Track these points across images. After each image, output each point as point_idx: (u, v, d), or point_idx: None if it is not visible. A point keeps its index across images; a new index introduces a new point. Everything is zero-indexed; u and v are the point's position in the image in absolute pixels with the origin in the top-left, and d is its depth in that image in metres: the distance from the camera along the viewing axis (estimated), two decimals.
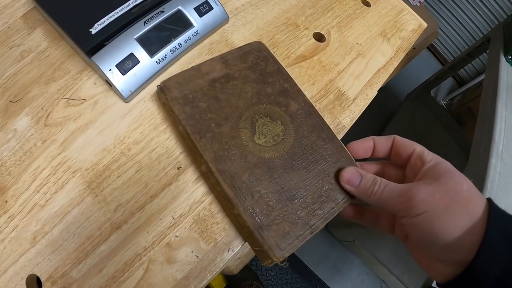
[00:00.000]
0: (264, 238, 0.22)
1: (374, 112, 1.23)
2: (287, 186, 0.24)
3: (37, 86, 0.29)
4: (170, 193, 0.25)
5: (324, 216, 0.24)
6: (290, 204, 0.24)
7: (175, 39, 0.29)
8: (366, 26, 0.41)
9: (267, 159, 0.25)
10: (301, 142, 0.26)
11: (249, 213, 0.23)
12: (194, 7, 0.30)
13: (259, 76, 0.28)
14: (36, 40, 0.31)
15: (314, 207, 0.24)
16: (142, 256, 0.24)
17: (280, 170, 0.25)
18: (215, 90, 0.26)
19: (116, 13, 0.28)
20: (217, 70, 0.27)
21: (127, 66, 0.27)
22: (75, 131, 0.27)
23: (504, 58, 0.68)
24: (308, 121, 0.27)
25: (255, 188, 0.23)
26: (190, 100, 0.25)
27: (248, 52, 0.29)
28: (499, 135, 0.54)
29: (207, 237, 0.24)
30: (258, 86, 0.28)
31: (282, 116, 0.27)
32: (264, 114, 0.27)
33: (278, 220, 0.23)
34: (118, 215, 0.25)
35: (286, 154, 0.25)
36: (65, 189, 0.26)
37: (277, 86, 0.28)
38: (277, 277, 0.86)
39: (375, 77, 0.37)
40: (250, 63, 0.29)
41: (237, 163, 0.24)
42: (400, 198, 0.20)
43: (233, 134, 0.25)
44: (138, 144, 0.26)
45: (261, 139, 0.25)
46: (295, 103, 0.28)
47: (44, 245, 0.24)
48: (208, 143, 0.24)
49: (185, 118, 0.25)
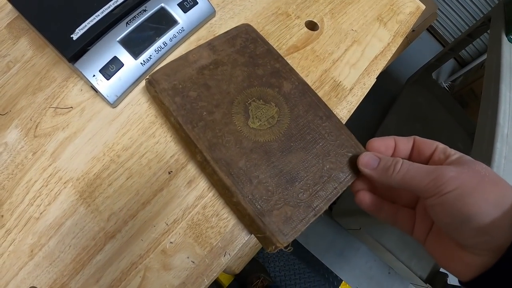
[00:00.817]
0: (266, 224, 0.21)
1: (375, 98, 1.19)
2: (286, 169, 0.23)
3: (24, 97, 0.28)
4: (162, 199, 0.24)
5: (327, 197, 0.23)
6: (291, 187, 0.22)
7: (159, 38, 0.27)
8: (361, 11, 0.38)
9: (263, 142, 0.24)
10: (297, 122, 0.25)
11: (249, 199, 0.22)
12: (177, 3, 0.28)
13: (249, 59, 0.27)
14: (21, 49, 0.30)
15: (316, 188, 0.23)
16: (138, 264, 0.23)
17: (278, 153, 0.23)
18: (204, 78, 0.25)
19: (97, 16, 0.26)
20: (205, 57, 0.26)
21: (111, 71, 0.25)
22: (64, 140, 0.26)
23: (506, 38, 0.64)
24: (303, 100, 0.26)
25: (253, 174, 0.22)
26: (179, 90, 0.24)
27: (236, 35, 0.28)
28: (504, 118, 0.51)
29: (202, 242, 0.23)
30: (249, 69, 0.26)
31: (276, 97, 0.26)
32: (256, 97, 0.25)
33: (279, 204, 0.22)
34: (111, 224, 0.24)
35: (282, 136, 0.24)
36: (58, 200, 0.25)
37: (268, 67, 0.27)
38: (284, 268, 0.86)
39: (373, 65, 0.34)
40: (239, 47, 0.27)
41: (233, 150, 0.23)
42: (428, 177, 0.19)
43: (226, 121, 0.24)
44: (127, 150, 0.25)
45: (255, 123, 0.24)
46: (288, 82, 0.26)
47: (42, 258, 0.24)
48: (201, 132, 0.23)
49: (176, 109, 0.24)
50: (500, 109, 0.53)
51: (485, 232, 0.16)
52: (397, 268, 0.94)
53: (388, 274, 1.01)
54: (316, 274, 0.88)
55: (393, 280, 1.00)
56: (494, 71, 0.60)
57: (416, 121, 1.06)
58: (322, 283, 0.86)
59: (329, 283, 0.88)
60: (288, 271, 0.85)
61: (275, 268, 0.85)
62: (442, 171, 0.18)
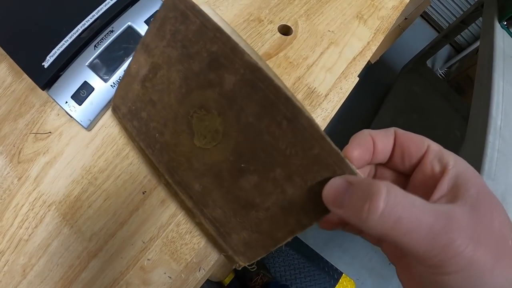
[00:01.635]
0: (227, 244, 0.21)
1: (370, 88, 1.15)
2: (239, 194, 0.19)
3: (7, 124, 0.28)
4: (138, 218, 0.24)
5: (291, 229, 0.17)
6: (247, 214, 0.19)
7: (128, 58, 0.27)
8: (339, 10, 0.36)
9: (212, 164, 0.19)
10: (246, 135, 0.18)
11: (209, 221, 0.21)
12: (144, 20, 0.27)
13: (182, 49, 0.19)
14: (1, 75, 0.30)
15: (276, 218, 0.18)
16: (120, 280, 0.24)
17: (228, 177, 0.19)
18: (148, 92, 0.21)
19: (66, 41, 0.26)
20: (143, 64, 0.21)
21: (82, 96, 0.25)
22: (45, 165, 0.26)
23: (499, 24, 0.60)
24: (253, 98, 0.17)
25: (209, 198, 0.20)
26: (134, 112, 0.22)
27: (164, 19, 0.20)
28: (497, 109, 0.48)
29: (177, 258, 0.23)
30: (183, 66, 0.19)
31: (217, 101, 0.18)
32: (197, 106, 0.19)
33: (237, 228, 0.20)
34: (93, 244, 0.24)
35: (230, 155, 0.18)
36: (43, 222, 0.25)
37: (204, 56, 0.18)
38: (284, 263, 0.86)
39: (350, 67, 0.33)
40: (169, 35, 0.20)
41: (187, 173, 0.21)
42: (433, 241, 0.11)
43: (175, 141, 0.20)
44: (104, 172, 0.25)
45: (201, 141, 0.19)
46: (230, 74, 0.18)
47: (34, 276, 0.25)
48: (159, 156, 0.22)
49: (136, 133, 0.22)
50: (493, 99, 0.50)
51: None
52: None
53: (389, 264, 1.00)
54: (316, 268, 0.88)
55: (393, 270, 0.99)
56: (486, 59, 0.57)
57: (412, 110, 1.03)
58: (322, 277, 0.87)
59: (329, 276, 0.88)
60: (288, 266, 0.86)
61: (275, 264, 0.85)
62: (451, 234, 0.11)
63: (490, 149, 0.44)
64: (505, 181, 0.42)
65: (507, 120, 0.48)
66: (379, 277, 0.98)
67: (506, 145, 0.45)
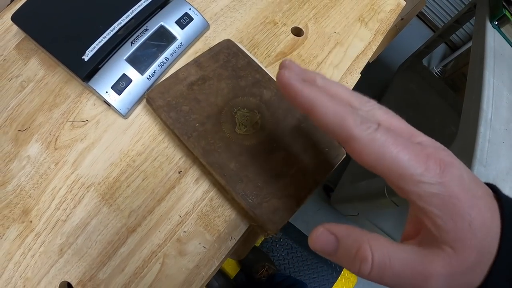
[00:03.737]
0: (257, 215, 0.25)
1: (368, 86, 1.23)
2: (271, 167, 0.27)
3: (41, 114, 0.32)
4: (174, 195, 0.28)
5: (309, 187, 0.27)
6: (276, 182, 0.26)
7: (161, 54, 0.31)
8: (343, 14, 0.42)
9: (250, 146, 0.27)
10: (278, 125, 0.29)
11: (241, 195, 0.26)
12: (175, 21, 0.32)
13: (232, 72, 0.31)
14: (33, 69, 0.34)
15: (298, 180, 0.27)
16: (158, 252, 0.28)
17: (263, 154, 0.27)
18: (194, 93, 0.29)
19: (104, 38, 0.30)
20: (193, 74, 0.30)
21: (121, 86, 0.29)
22: (83, 151, 0.30)
23: (490, 24, 0.67)
24: (281, 105, 0.30)
25: (243, 174, 0.26)
26: (173, 105, 0.28)
27: (219, 51, 0.31)
28: (487, 103, 0.55)
29: (211, 230, 0.28)
30: (232, 81, 0.30)
31: (258, 105, 0.29)
32: (241, 106, 0.29)
33: (268, 198, 0.26)
34: (132, 220, 0.28)
35: (266, 138, 0.28)
36: (82, 203, 0.29)
37: (249, 79, 0.30)
38: (288, 256, 0.91)
39: (354, 64, 0.39)
40: (222, 62, 0.31)
41: (224, 154, 0.27)
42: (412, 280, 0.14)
43: (216, 129, 0.28)
44: (141, 155, 0.29)
45: (241, 129, 0.28)
46: (267, 91, 0.30)
47: (71, 255, 0.27)
48: (195, 141, 0.27)
49: (172, 122, 0.28)
50: (484, 94, 0.57)
51: None
52: None
53: None
54: (319, 261, 0.93)
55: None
56: (478, 57, 0.64)
57: (409, 107, 1.11)
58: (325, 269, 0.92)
59: (331, 268, 0.93)
60: (292, 259, 0.91)
61: (279, 257, 0.90)
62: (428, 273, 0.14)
63: (482, 139, 0.51)
64: (496, 167, 0.48)
65: (497, 113, 0.54)
66: None
67: (496, 136, 0.52)
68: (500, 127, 0.54)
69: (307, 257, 0.92)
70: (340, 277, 0.92)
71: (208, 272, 0.27)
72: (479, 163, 0.49)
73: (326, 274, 0.92)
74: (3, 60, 0.34)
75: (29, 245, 0.28)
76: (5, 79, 0.33)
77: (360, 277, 0.15)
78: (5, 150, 0.30)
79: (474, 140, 0.52)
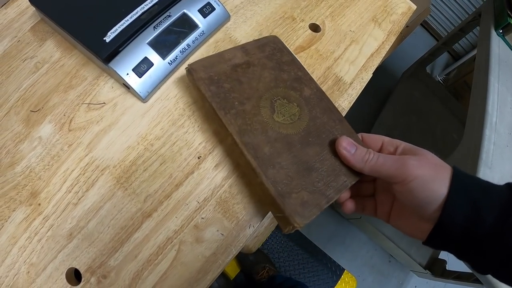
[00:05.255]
0: (285, 204, 0.25)
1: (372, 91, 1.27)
2: (304, 159, 0.28)
3: (56, 95, 0.32)
4: (193, 180, 0.29)
5: (338, 188, 0.27)
6: (308, 175, 0.27)
7: (183, 40, 0.32)
8: (358, 13, 0.44)
9: (286, 134, 0.29)
10: (315, 121, 0.30)
11: (271, 181, 0.26)
12: (198, 9, 0.33)
13: (276, 64, 0.32)
14: (48, 51, 0.34)
15: (329, 179, 0.27)
16: (173, 239, 0.28)
17: (298, 145, 0.28)
18: (237, 74, 0.31)
19: (126, 21, 0.31)
20: (238, 57, 0.31)
21: (143, 69, 0.30)
22: (99, 133, 0.30)
23: (495, 32, 0.71)
24: (320, 104, 0.31)
25: (276, 160, 0.27)
26: (215, 80, 0.30)
27: (265, 44, 0.33)
28: (492, 107, 0.58)
29: (229, 216, 0.28)
30: (275, 72, 0.32)
31: (298, 99, 0.31)
32: (281, 96, 0.31)
33: (298, 189, 0.26)
34: (148, 205, 0.28)
35: (302, 131, 0.29)
36: (95, 186, 0.29)
37: (292, 74, 0.32)
38: (288, 258, 0.92)
39: (369, 61, 0.40)
40: (267, 53, 0.33)
41: (259, 137, 0.28)
42: (395, 164, 0.24)
43: (255, 112, 0.29)
44: (160, 140, 0.30)
45: (279, 117, 0.29)
46: (308, 89, 0.32)
47: (81, 240, 0.27)
48: (232, 118, 0.28)
49: (211, 96, 0.29)
50: (489, 98, 0.60)
51: (441, 207, 0.22)
52: (397, 255, 1.01)
53: (389, 262, 1.08)
54: (319, 264, 0.95)
55: (393, 268, 1.08)
56: (483, 64, 0.68)
57: (412, 114, 1.15)
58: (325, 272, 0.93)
59: (332, 272, 0.95)
60: (292, 261, 0.92)
61: (280, 259, 0.91)
62: (405, 160, 0.24)
63: (487, 141, 0.53)
64: (500, 170, 0.50)
65: (502, 117, 0.57)
66: (380, 274, 1.06)
67: (500, 139, 0.54)
68: (504, 131, 0.57)
69: (308, 260, 0.93)
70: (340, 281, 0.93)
71: (226, 260, 0.27)
72: (484, 164, 0.51)
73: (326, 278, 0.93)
74: (17, 41, 0.34)
75: (36, 228, 0.28)
76: (18, 60, 0.33)
77: (364, 172, 0.26)
78: (16, 131, 0.30)
79: (480, 143, 0.54)
